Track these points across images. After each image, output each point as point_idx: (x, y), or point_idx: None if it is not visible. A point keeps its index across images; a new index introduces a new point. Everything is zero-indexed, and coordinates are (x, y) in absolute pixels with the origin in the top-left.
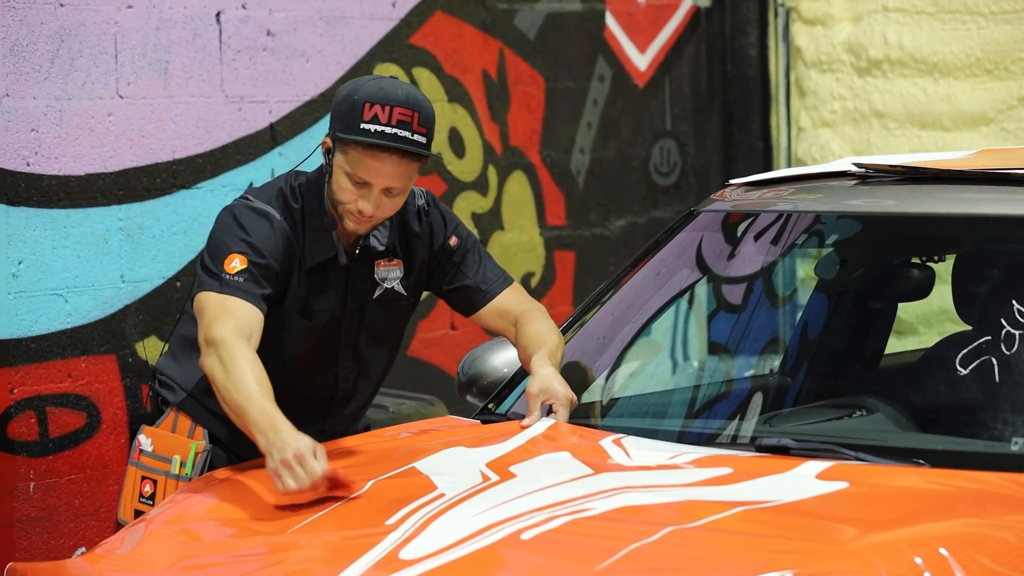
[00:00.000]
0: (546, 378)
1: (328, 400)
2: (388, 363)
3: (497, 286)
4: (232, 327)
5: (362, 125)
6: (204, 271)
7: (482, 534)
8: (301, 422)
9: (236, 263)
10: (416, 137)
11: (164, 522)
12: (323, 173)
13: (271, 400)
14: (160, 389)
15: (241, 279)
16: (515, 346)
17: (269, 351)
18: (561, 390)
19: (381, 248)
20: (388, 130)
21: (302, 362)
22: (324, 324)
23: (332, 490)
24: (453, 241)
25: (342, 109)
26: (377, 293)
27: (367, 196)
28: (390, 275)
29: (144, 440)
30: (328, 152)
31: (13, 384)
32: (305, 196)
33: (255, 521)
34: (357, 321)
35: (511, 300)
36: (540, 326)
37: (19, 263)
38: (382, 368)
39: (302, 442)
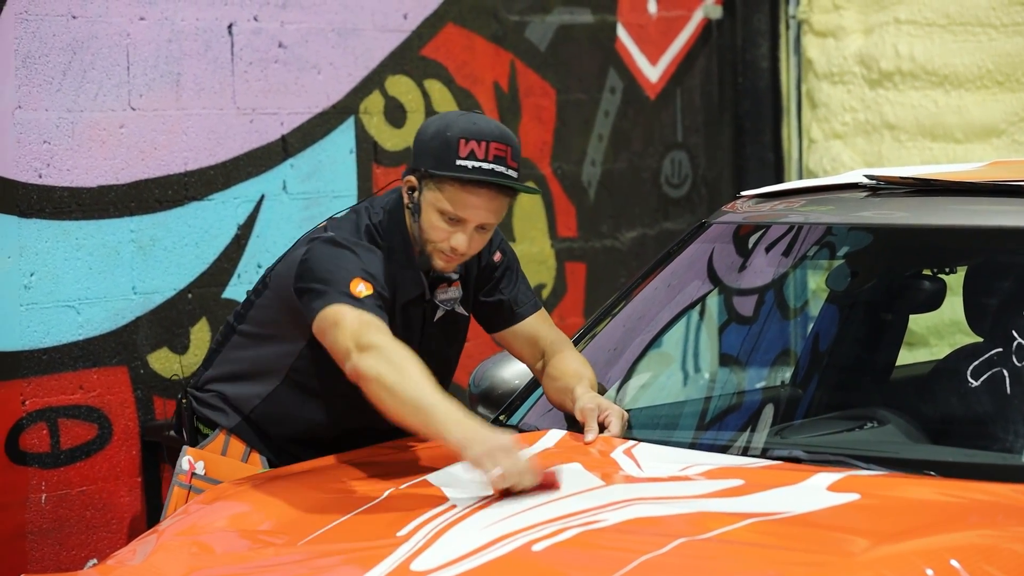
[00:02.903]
0: (597, 397)
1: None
2: (448, 380)
3: (527, 309)
4: (387, 334)
5: (459, 162)
6: (329, 286)
7: (493, 545)
8: (351, 431)
9: (362, 288)
10: (510, 172)
11: (176, 533)
12: (400, 211)
13: (448, 397)
14: (203, 409)
15: (372, 302)
16: (538, 375)
17: (342, 380)
18: (615, 407)
19: (456, 276)
20: (486, 165)
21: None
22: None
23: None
24: (497, 257)
25: (433, 146)
26: (438, 315)
27: (461, 232)
28: (451, 297)
29: (196, 464)
30: (412, 190)
31: (25, 396)
32: (386, 235)
33: (267, 533)
34: (422, 345)
35: (541, 329)
36: (576, 363)
37: (31, 275)
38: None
39: (505, 436)
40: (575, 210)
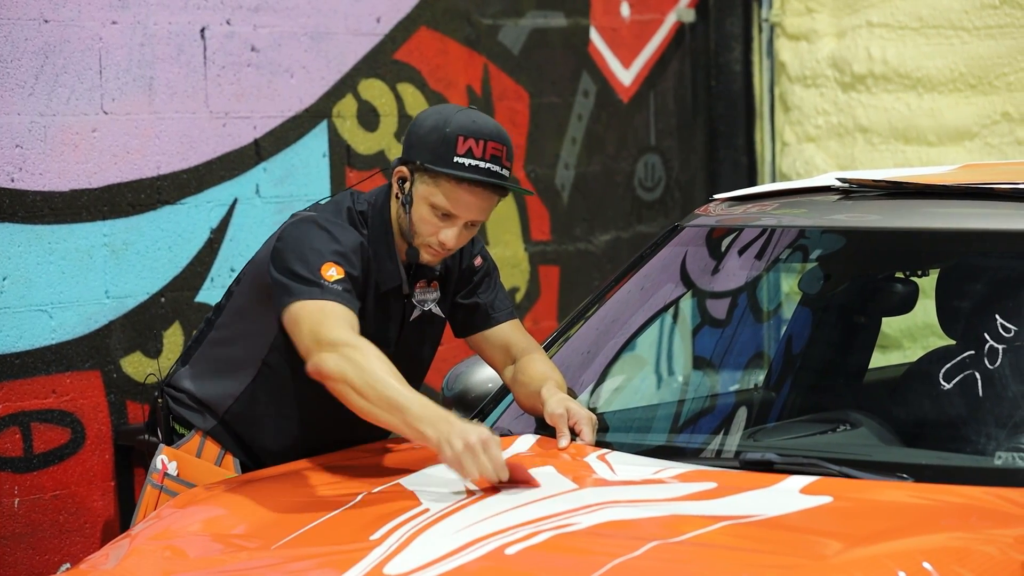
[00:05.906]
0: (564, 400)
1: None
2: (419, 381)
3: (503, 316)
4: (347, 328)
5: (456, 159)
6: (295, 279)
7: (466, 549)
8: (326, 436)
9: (333, 272)
10: (505, 171)
11: (149, 537)
12: (385, 201)
13: (418, 392)
14: (179, 409)
15: (340, 287)
16: (507, 381)
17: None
18: (584, 410)
19: (437, 272)
20: (482, 164)
21: None
22: (390, 352)
23: (511, 482)
24: (478, 261)
25: (430, 140)
26: (414, 315)
27: (451, 228)
28: (428, 297)
29: (169, 464)
30: (403, 181)
31: None
32: (370, 224)
33: (240, 536)
34: (399, 344)
35: (515, 337)
36: (544, 367)
37: (3, 279)
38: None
39: (483, 429)
40: (548, 213)
